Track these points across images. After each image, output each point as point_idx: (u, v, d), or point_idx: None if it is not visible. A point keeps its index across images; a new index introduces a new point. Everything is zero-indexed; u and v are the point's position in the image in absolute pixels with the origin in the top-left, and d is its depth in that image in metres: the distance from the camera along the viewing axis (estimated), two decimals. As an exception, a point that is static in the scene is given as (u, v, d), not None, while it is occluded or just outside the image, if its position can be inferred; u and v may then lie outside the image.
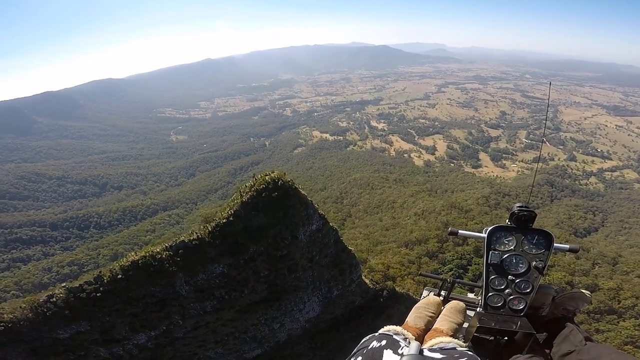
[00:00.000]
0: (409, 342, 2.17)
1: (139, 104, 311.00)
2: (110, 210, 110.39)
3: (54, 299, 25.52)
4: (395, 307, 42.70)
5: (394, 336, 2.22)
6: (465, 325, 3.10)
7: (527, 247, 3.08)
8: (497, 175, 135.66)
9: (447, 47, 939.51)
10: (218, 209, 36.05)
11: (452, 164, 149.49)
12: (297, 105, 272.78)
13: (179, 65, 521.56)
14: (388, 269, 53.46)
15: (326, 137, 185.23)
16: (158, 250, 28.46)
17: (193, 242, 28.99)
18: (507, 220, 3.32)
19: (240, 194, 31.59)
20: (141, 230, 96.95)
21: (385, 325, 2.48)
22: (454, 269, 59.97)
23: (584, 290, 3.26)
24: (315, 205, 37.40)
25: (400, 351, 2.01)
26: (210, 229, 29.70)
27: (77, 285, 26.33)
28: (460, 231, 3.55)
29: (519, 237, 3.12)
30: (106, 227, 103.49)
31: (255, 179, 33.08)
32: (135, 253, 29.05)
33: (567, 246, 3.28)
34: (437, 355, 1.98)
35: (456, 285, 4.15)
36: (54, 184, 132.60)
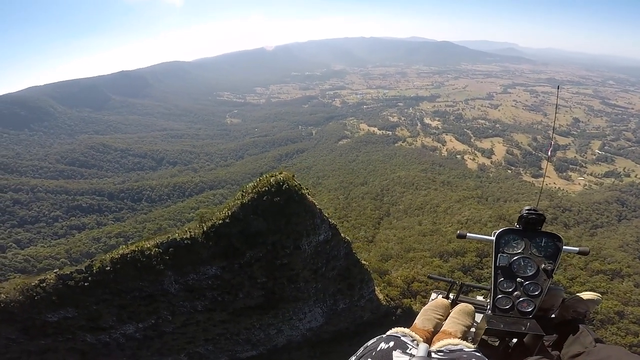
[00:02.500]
0: (417, 344, 2.18)
1: (201, 87, 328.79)
2: (162, 185, 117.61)
3: (44, 284, 26.15)
4: (407, 326, 38.92)
5: (402, 337, 2.22)
6: (474, 328, 3.05)
7: (535, 249, 3.10)
8: (559, 188, 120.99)
9: (518, 47, 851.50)
10: (216, 209, 35.17)
11: (510, 171, 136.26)
12: (347, 97, 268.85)
13: (240, 51, 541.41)
14: (412, 283, 48.62)
15: (374, 131, 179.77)
16: (149, 246, 27.83)
17: (185, 241, 27.92)
18: (515, 224, 3.30)
19: (242, 195, 29.78)
20: (186, 207, 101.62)
21: (393, 328, 2.42)
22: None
23: (594, 293, 3.22)
24: (326, 214, 34.47)
25: (408, 351, 2.01)
26: (205, 229, 28.39)
27: (68, 273, 26.82)
28: (468, 234, 3.54)
29: (527, 240, 3.14)
30: (156, 200, 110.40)
31: (259, 179, 30.86)
32: (127, 246, 28.87)
33: (576, 249, 3.26)
34: (445, 356, 2.01)
35: (465, 288, 4.02)
36: (117, 155, 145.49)
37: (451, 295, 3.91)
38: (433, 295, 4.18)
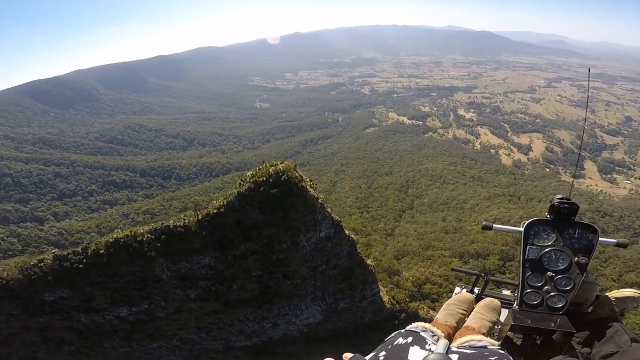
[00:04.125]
0: (437, 340, 2.11)
1: (233, 71, 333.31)
2: (191, 164, 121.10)
3: (42, 264, 26.58)
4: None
5: (422, 333, 2.14)
6: (500, 325, 2.99)
7: (568, 241, 2.93)
8: (601, 190, 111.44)
9: (567, 40, 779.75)
10: (214, 197, 33.92)
11: (548, 169, 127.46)
12: (377, 85, 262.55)
13: (271, 37, 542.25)
14: (424, 284, 46.04)
15: (403, 120, 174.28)
16: (142, 231, 27.56)
17: (178, 229, 27.37)
18: (546, 214, 3.13)
19: (240, 183, 28.70)
20: (211, 187, 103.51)
21: (413, 322, 2.36)
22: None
23: (633, 289, 3.08)
24: (329, 210, 32.64)
25: (427, 347, 1.93)
26: (199, 218, 27.65)
27: (65, 254, 27.15)
28: (495, 225, 3.35)
29: (559, 231, 2.96)
30: (185, 179, 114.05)
31: (259, 168, 29.35)
32: (121, 230, 28.86)
33: (614, 240, 3.06)
34: (466, 351, 1.94)
35: (491, 282, 3.87)
36: (152, 134, 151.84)
37: (476, 290, 3.76)
38: (457, 289, 4.04)
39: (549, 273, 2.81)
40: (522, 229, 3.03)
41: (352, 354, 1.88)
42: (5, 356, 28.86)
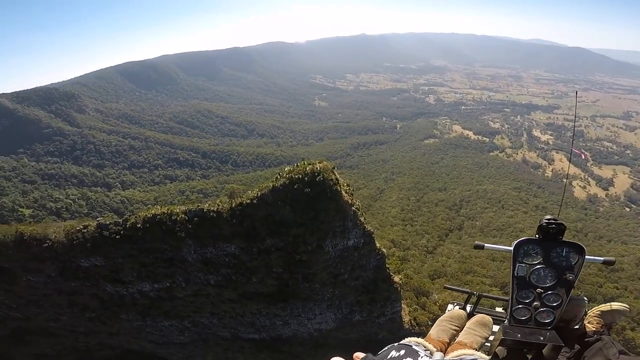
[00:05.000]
0: (430, 354, 2.18)
1: (298, 68, 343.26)
2: (248, 152, 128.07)
3: (85, 231, 28.56)
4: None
5: (414, 347, 2.20)
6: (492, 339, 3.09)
7: (556, 259, 3.06)
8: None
9: None
10: (250, 187, 34.08)
11: (628, 209, 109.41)
12: (444, 95, 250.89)
13: (337, 37, 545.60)
14: None
15: (468, 135, 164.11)
16: (177, 211, 28.52)
17: (211, 214, 27.85)
18: (535, 234, 3.26)
19: (276, 178, 28.59)
20: (262, 177, 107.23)
21: (406, 337, 2.42)
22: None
23: (621, 303, 3.23)
24: (362, 219, 31.29)
25: None
26: (232, 206, 27.92)
27: (107, 223, 29.03)
28: (486, 245, 3.47)
29: (547, 249, 3.10)
30: (240, 165, 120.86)
31: (297, 165, 29.26)
32: (160, 207, 29.99)
33: (601, 258, 3.18)
34: None
35: (483, 299, 4.05)
36: (217, 121, 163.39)
37: (468, 307, 3.88)
38: (450, 307, 4.13)
39: (538, 290, 2.87)
40: (511, 248, 3.11)
41: (365, 354, 1.93)
42: (34, 315, 32.35)
